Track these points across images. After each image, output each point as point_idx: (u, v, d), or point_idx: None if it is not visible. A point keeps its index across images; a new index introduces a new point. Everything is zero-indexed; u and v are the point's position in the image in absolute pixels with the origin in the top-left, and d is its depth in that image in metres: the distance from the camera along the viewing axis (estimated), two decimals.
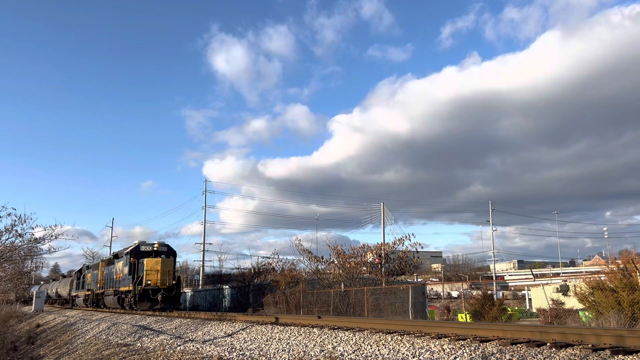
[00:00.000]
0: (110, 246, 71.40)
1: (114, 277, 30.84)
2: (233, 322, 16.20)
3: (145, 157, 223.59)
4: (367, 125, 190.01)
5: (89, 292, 37.92)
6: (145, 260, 26.50)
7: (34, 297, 45.75)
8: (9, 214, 15.22)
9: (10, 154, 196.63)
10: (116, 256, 32.02)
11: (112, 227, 74.33)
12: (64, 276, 56.89)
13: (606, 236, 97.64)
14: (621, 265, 21.46)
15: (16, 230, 15.47)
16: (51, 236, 16.28)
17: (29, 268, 29.94)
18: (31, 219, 15.64)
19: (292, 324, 13.68)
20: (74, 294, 44.63)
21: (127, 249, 29.80)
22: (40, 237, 16.28)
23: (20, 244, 16.47)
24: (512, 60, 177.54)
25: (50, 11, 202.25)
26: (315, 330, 12.01)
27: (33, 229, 15.81)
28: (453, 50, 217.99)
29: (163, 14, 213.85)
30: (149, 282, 25.75)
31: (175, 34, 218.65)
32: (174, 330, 16.87)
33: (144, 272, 25.95)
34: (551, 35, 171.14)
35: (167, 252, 28.61)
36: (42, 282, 67.66)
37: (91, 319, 27.52)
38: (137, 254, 27.89)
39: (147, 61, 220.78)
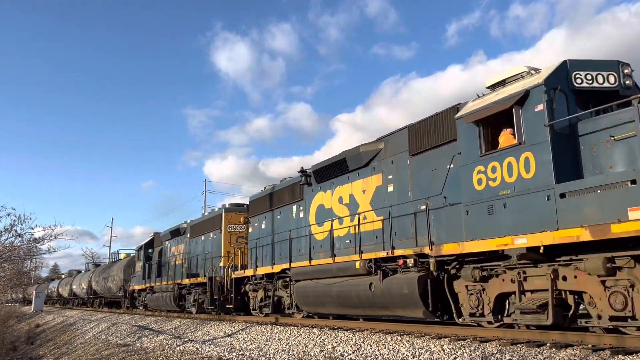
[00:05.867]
0: (110, 246, 71.37)
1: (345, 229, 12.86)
2: (233, 322, 16.19)
3: (145, 156, 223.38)
4: (369, 124, 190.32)
5: (195, 280, 20.40)
6: None
7: (34, 297, 45.68)
8: (8, 214, 15.35)
9: (9, 153, 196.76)
10: (339, 165, 13.17)
11: (111, 227, 74.28)
12: (96, 265, 46.45)
13: None
14: None
15: (15, 230, 15.58)
16: (51, 236, 16.40)
17: (28, 268, 29.84)
18: (31, 218, 15.78)
19: (292, 324, 13.67)
20: (140, 286, 27.07)
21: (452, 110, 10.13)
22: (39, 237, 16.39)
23: (19, 244, 16.57)
24: (518, 59, 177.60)
25: (49, 9, 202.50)
26: (315, 330, 12.00)
27: (32, 228, 15.92)
28: (458, 49, 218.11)
29: (165, 11, 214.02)
30: None
31: (177, 32, 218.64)
32: (173, 331, 16.87)
33: None
34: (557, 33, 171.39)
35: None
36: (64, 276, 61.14)
37: (90, 319, 27.52)
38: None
39: (148, 60, 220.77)
